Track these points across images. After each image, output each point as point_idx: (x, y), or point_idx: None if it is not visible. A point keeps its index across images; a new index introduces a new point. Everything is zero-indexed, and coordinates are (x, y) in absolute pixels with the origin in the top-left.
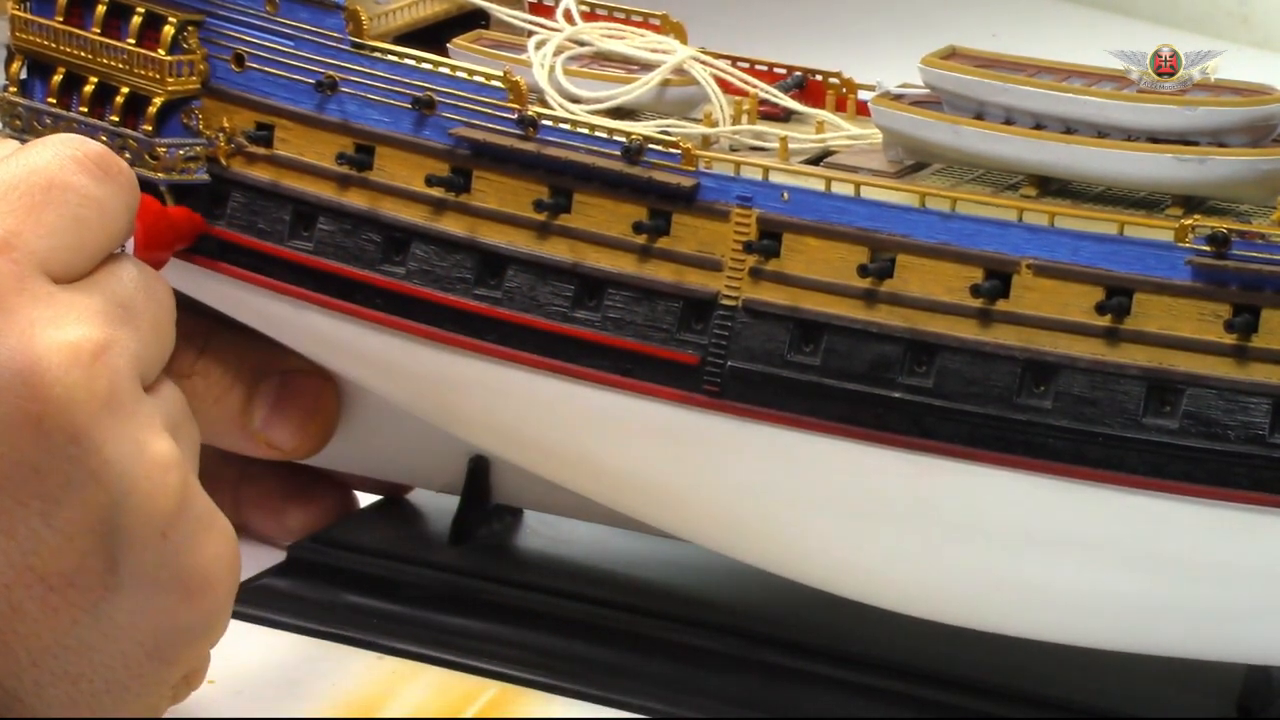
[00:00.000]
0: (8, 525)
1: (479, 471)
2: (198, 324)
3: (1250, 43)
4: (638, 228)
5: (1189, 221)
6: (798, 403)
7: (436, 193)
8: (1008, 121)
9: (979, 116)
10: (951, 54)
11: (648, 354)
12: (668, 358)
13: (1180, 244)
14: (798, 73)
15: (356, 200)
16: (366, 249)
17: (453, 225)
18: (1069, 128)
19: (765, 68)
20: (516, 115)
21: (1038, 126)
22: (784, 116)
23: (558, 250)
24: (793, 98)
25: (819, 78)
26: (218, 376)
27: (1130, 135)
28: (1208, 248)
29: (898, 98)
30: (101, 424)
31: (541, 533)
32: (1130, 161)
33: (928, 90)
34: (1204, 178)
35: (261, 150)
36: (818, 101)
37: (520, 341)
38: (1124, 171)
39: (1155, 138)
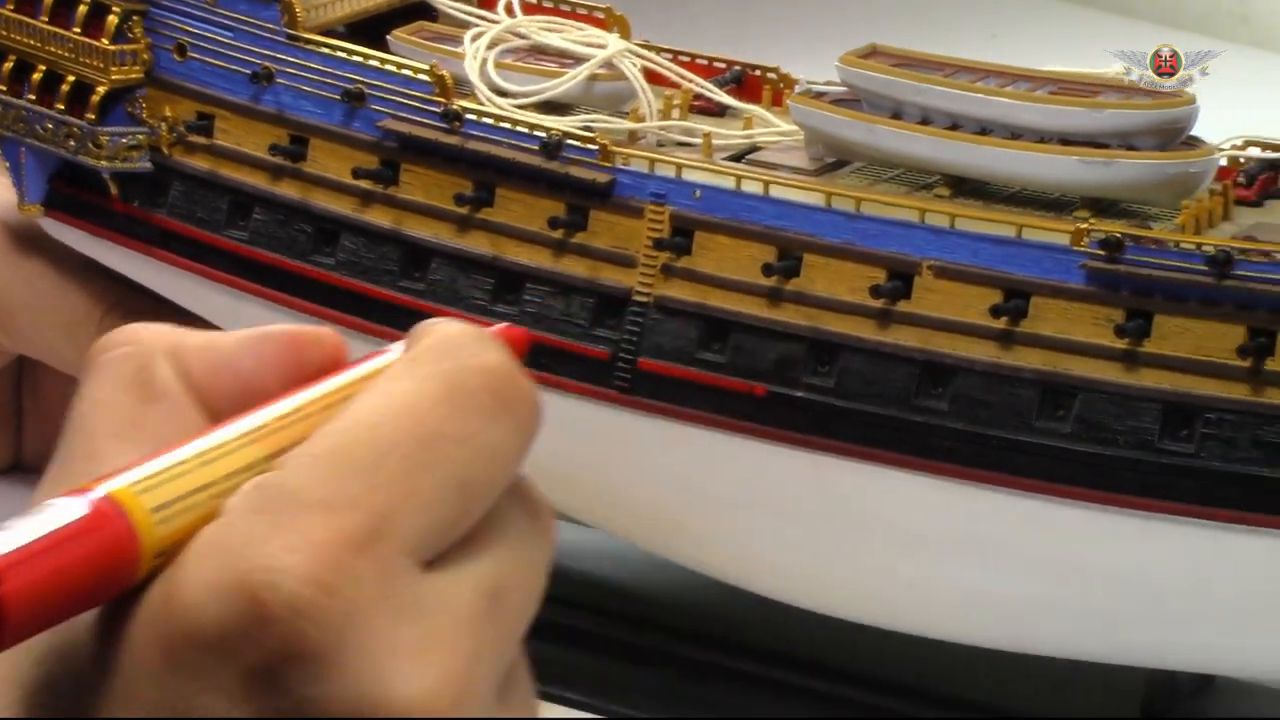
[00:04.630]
0: None
1: None
2: (110, 289)
3: (1250, 43)
4: (554, 223)
5: (1084, 225)
6: (704, 400)
7: (364, 185)
8: (924, 121)
9: (896, 116)
10: (872, 52)
11: (562, 348)
12: (581, 353)
13: (1076, 248)
14: (736, 68)
15: (289, 191)
16: (298, 240)
17: (379, 217)
18: (984, 128)
19: (705, 62)
20: (441, 109)
21: (953, 127)
22: (719, 112)
23: (479, 244)
24: (729, 93)
25: (757, 73)
26: None
27: (1044, 137)
28: (1101, 251)
29: (819, 95)
30: None
31: None
32: (1038, 163)
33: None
34: (1110, 180)
35: (201, 140)
36: (754, 97)
37: None
38: (1033, 173)
39: (1066, 140)
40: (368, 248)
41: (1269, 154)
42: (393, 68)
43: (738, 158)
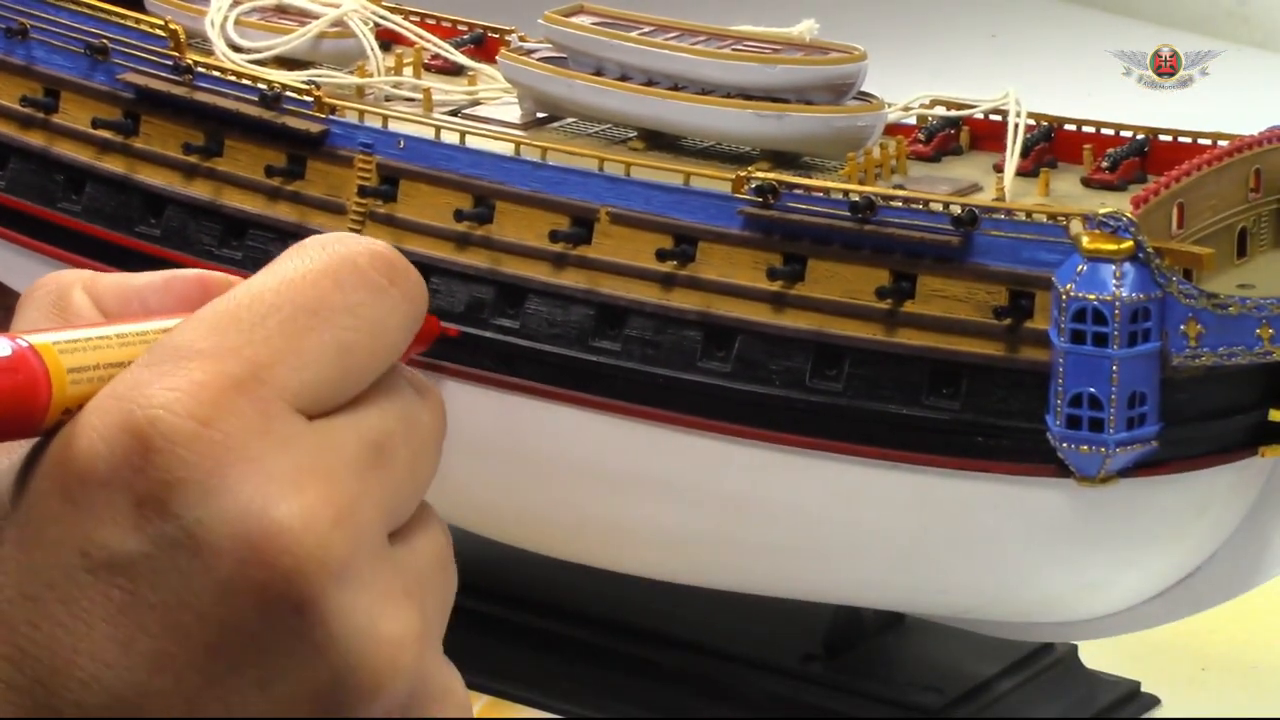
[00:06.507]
0: (221, 692)
1: None
2: None
3: (1250, 43)
4: (270, 171)
5: (744, 173)
6: None
7: (104, 134)
8: (623, 78)
9: (599, 72)
10: (578, 10)
11: None
12: None
13: (736, 195)
14: (478, 30)
15: (39, 141)
16: (49, 188)
17: (117, 166)
18: (676, 84)
19: (450, 24)
20: (173, 63)
21: (649, 83)
22: (456, 70)
23: (204, 191)
24: (468, 53)
25: (497, 35)
26: None
27: (729, 93)
28: (757, 198)
29: (529, 53)
30: (331, 595)
31: None
32: (719, 116)
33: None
34: (783, 133)
35: None
36: (492, 58)
37: None
38: (715, 126)
39: (749, 95)
40: (108, 195)
41: (951, 113)
42: (132, 23)
43: (457, 112)
